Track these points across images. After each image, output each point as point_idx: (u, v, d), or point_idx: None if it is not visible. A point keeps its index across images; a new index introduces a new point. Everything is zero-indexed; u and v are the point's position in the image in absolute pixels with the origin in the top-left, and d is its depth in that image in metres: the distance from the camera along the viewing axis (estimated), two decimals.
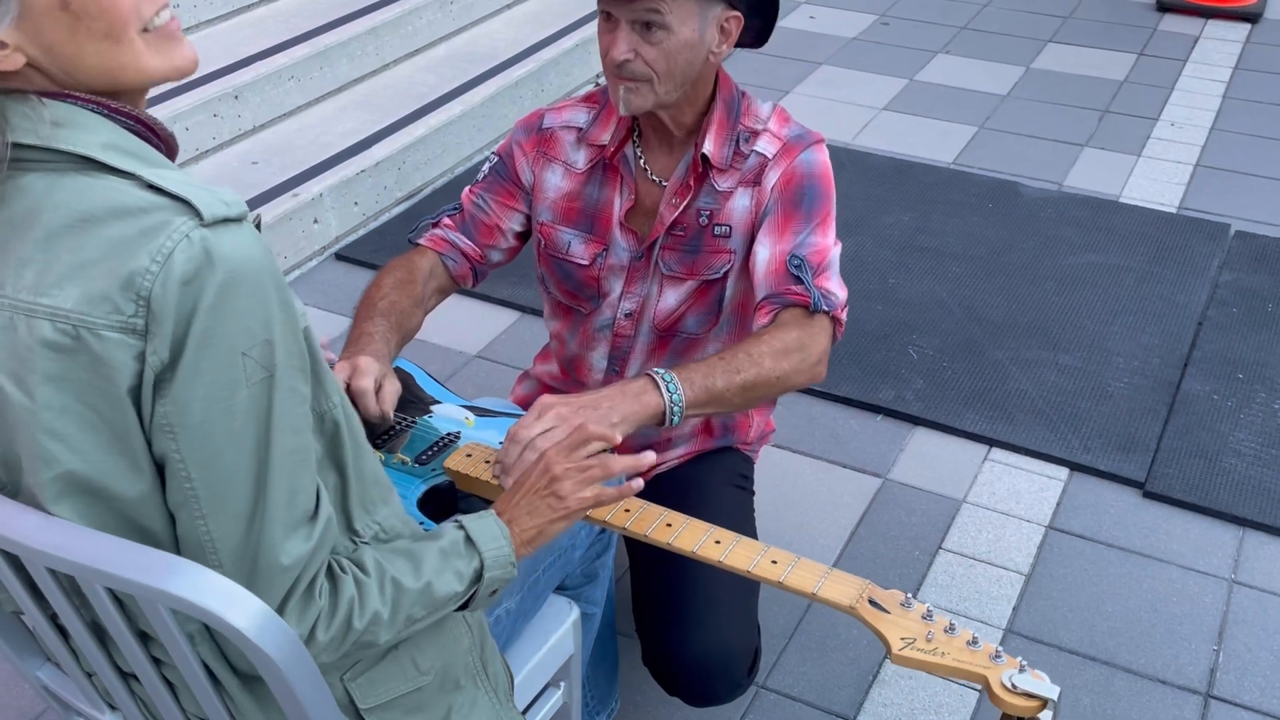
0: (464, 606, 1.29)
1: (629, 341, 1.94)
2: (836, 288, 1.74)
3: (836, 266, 1.77)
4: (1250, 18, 5.42)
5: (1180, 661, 2.30)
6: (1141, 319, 3.30)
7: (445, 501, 1.60)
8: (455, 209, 1.94)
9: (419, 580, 1.22)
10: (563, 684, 1.66)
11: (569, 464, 1.38)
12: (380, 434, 1.68)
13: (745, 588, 1.83)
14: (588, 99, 1.91)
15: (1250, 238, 3.71)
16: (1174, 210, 3.90)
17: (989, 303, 3.37)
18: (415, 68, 4.24)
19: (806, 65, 4.85)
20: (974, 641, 1.31)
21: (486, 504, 1.59)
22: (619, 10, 1.65)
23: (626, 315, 1.91)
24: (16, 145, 1.04)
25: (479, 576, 1.27)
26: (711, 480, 2.02)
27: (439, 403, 1.73)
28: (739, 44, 1.79)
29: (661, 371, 1.56)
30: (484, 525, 1.30)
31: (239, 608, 1.06)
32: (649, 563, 1.86)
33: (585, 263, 1.89)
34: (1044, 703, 1.26)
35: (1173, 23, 5.42)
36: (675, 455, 2.06)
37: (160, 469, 1.08)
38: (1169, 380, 3.06)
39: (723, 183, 1.81)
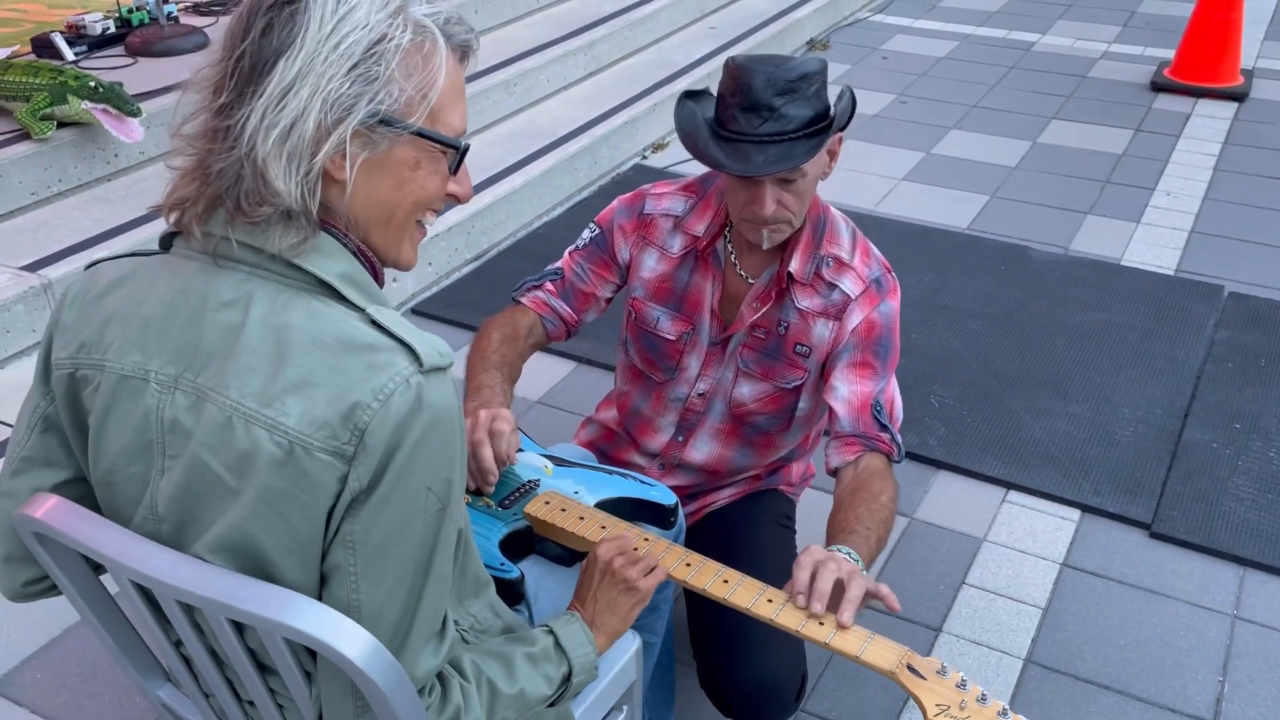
0: (551, 704, 1.29)
1: (698, 417, 1.95)
2: (900, 436, 1.81)
3: (901, 415, 1.84)
4: (1237, 97, 5.40)
5: (1188, 692, 2.26)
6: (1144, 372, 3.27)
7: (524, 543, 1.60)
8: (557, 274, 1.96)
9: (513, 686, 1.23)
10: (625, 708, 1.65)
11: (624, 557, 1.42)
12: None
13: None
14: (687, 188, 1.92)
15: (1243, 298, 3.67)
16: (1172, 273, 3.87)
17: (1004, 357, 3.35)
18: (483, 142, 4.29)
19: None
20: (1004, 713, 1.29)
21: (561, 548, 1.61)
22: (767, 176, 1.66)
23: (700, 394, 1.93)
24: (251, 248, 1.06)
25: (566, 680, 1.28)
26: (758, 519, 2.01)
27: (521, 450, 1.73)
28: None
29: (843, 549, 1.57)
30: (572, 631, 1.32)
31: (349, 638, 1.06)
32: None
33: (672, 338, 1.91)
34: None
35: (1166, 101, 5.41)
36: (725, 495, 2.06)
37: (323, 577, 1.09)
38: (1171, 429, 3.02)
39: (801, 300, 1.82)
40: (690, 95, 1.80)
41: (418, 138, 1.06)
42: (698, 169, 1.93)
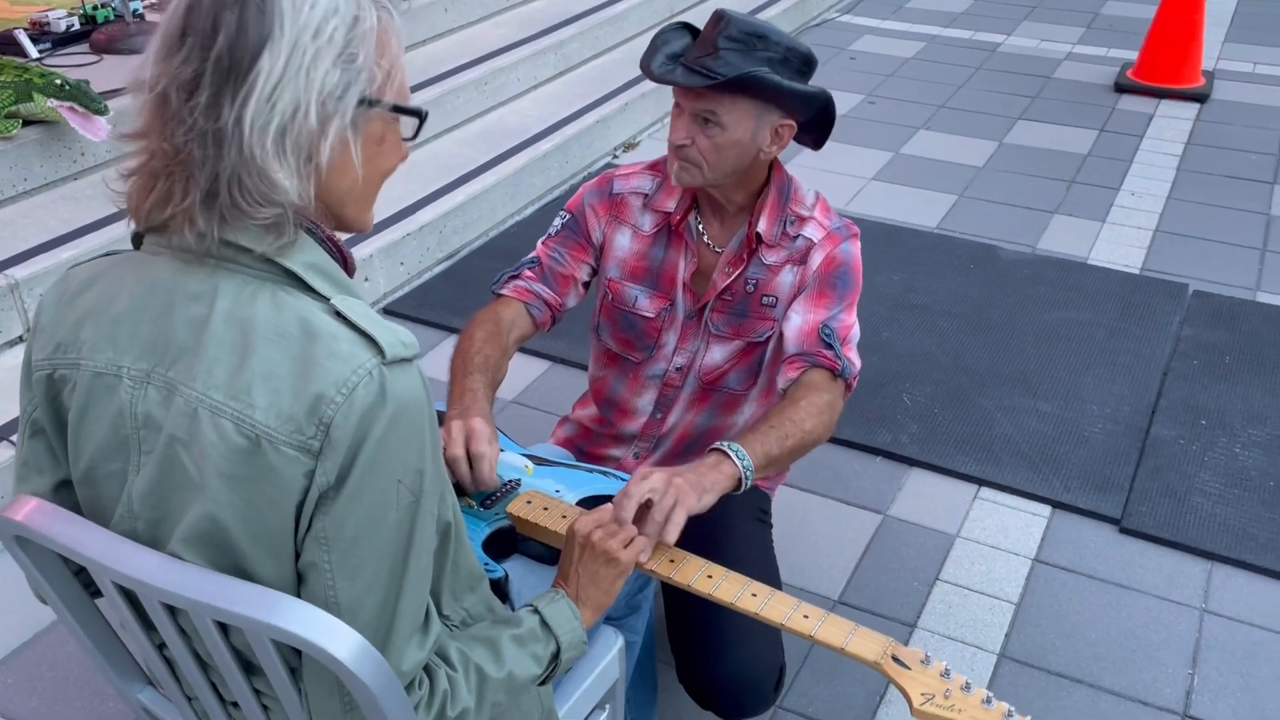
0: (541, 683, 1.29)
1: (676, 391, 1.97)
2: (856, 359, 1.82)
3: (856, 342, 1.84)
4: (1199, 98, 5.47)
5: (1159, 684, 2.29)
6: (1112, 370, 3.31)
7: (507, 542, 1.60)
8: (534, 262, 1.96)
9: (501, 670, 1.22)
10: (608, 706, 1.66)
11: (603, 530, 1.42)
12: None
13: None
14: (652, 167, 1.95)
15: (1207, 296, 3.73)
16: (1137, 271, 3.92)
17: (974, 355, 3.38)
18: (454, 142, 4.27)
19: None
20: (988, 700, 1.31)
21: (544, 547, 1.60)
22: (684, 102, 1.73)
23: (678, 369, 1.94)
24: (233, 246, 1.04)
25: (555, 657, 1.28)
26: (736, 513, 2.01)
27: (501, 450, 1.73)
28: (800, 143, 1.83)
29: (728, 443, 1.59)
30: (558, 609, 1.31)
31: (338, 638, 1.05)
32: (684, 591, 1.86)
33: (651, 315, 1.93)
34: None
35: (1130, 102, 5.47)
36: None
37: (299, 574, 1.08)
38: (1139, 426, 3.06)
39: (769, 257, 1.86)
40: (682, 25, 1.84)
41: (385, 111, 1.07)
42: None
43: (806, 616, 1.42)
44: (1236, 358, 3.38)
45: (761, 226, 1.83)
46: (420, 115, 1.12)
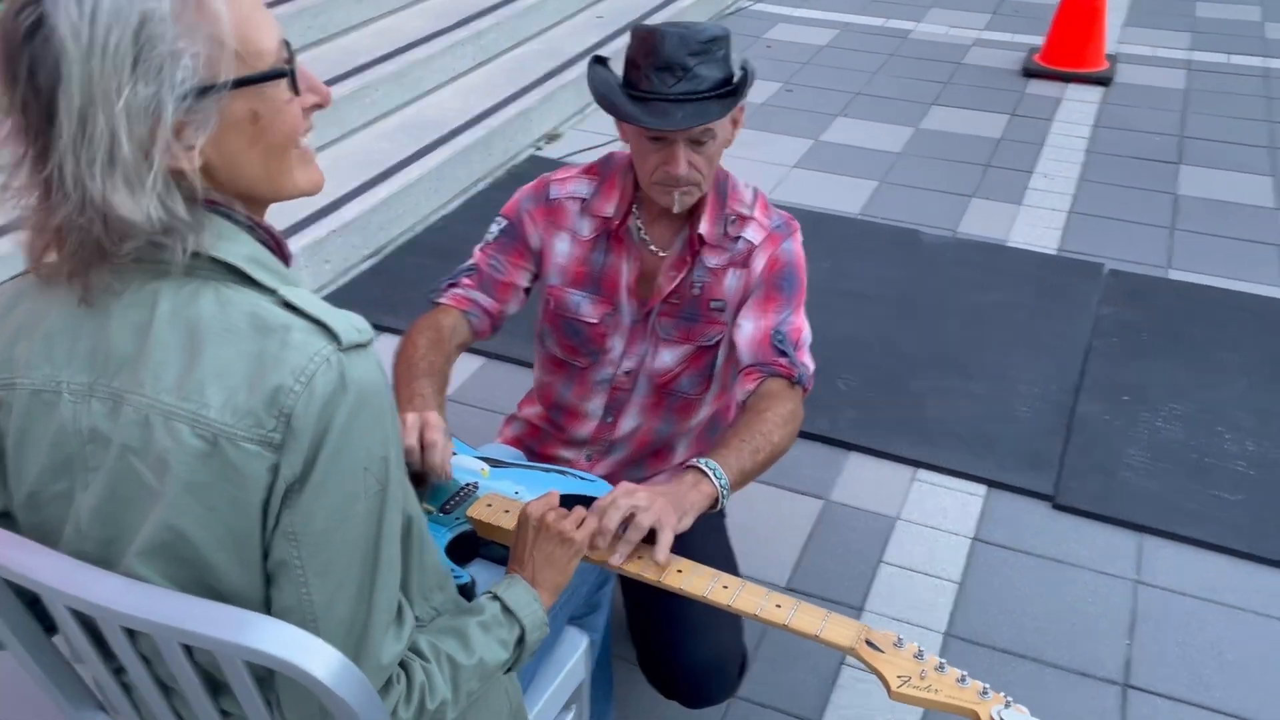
0: (509, 669, 1.27)
1: (625, 395, 1.94)
2: (809, 361, 1.82)
3: (809, 343, 1.84)
4: (1103, 81, 5.62)
5: (1100, 656, 2.34)
6: (1036, 350, 3.38)
7: (469, 547, 1.57)
8: (472, 270, 1.92)
9: (471, 657, 1.20)
10: (574, 707, 1.64)
11: (555, 512, 1.41)
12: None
13: None
14: (588, 170, 1.91)
15: (1122, 275, 3.83)
16: (1054, 252, 4.01)
17: (904, 339, 3.42)
18: (374, 136, 4.19)
19: None
20: (963, 679, 1.32)
21: (506, 549, 1.58)
22: (678, 133, 1.67)
23: (626, 372, 1.92)
24: (164, 248, 0.99)
25: (520, 640, 1.26)
26: None
27: (455, 453, 1.70)
28: None
29: (705, 461, 1.57)
30: (517, 593, 1.30)
31: (316, 658, 1.02)
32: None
33: (594, 321, 1.89)
34: None
35: (1037, 87, 5.59)
36: (658, 482, 2.05)
37: (268, 576, 1.04)
38: (1065, 404, 3.13)
39: (711, 260, 1.84)
40: (599, 60, 1.81)
41: (239, 88, 0.97)
42: (594, 158, 1.94)
43: (779, 606, 1.42)
44: (1153, 334, 3.47)
45: (703, 228, 1.81)
46: (275, 76, 1.00)
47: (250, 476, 0.97)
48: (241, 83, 0.97)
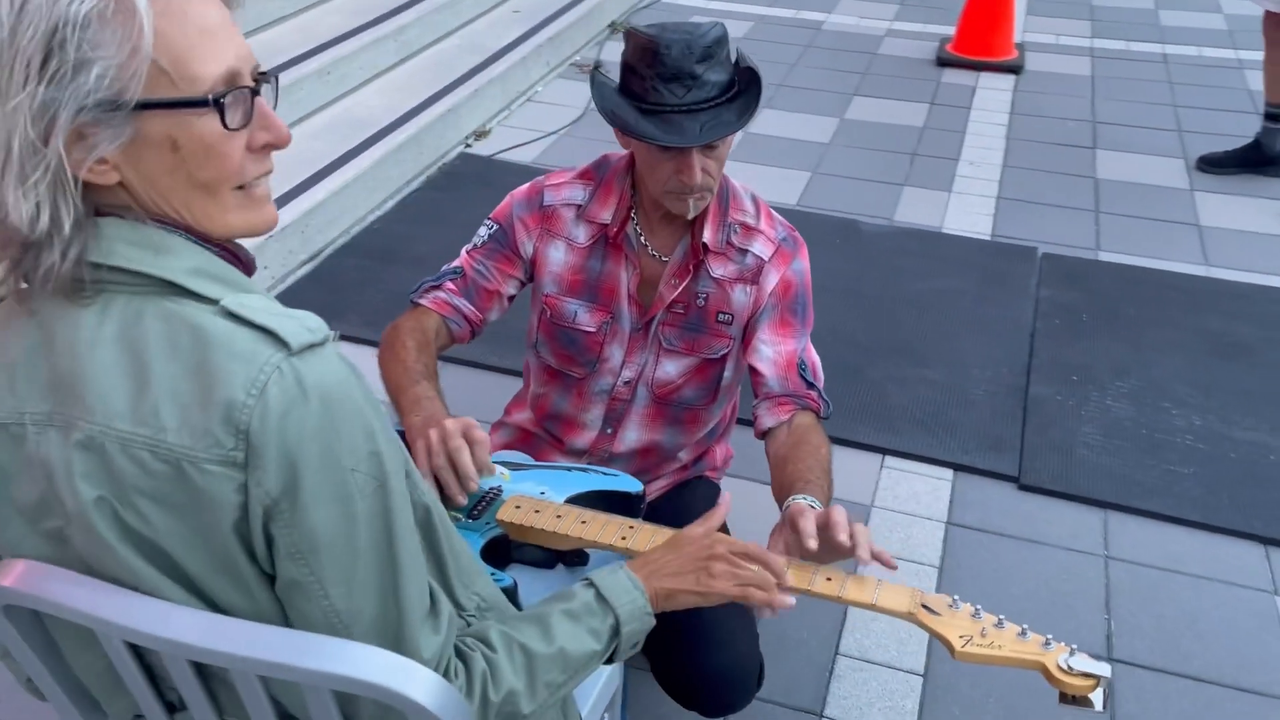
0: (608, 660, 1.23)
1: (625, 405, 1.92)
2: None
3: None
4: (1014, 69, 5.76)
5: (1081, 632, 2.40)
6: (984, 334, 3.45)
7: (502, 552, 1.54)
8: (457, 273, 1.87)
9: (551, 646, 1.16)
10: (607, 715, 1.61)
11: (730, 554, 1.34)
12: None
13: (745, 607, 1.81)
14: (583, 175, 1.88)
15: (1056, 258, 3.93)
16: (988, 238, 4.10)
17: (856, 328, 3.46)
18: (303, 135, 4.07)
19: None
20: (1023, 633, 1.34)
21: (540, 550, 1.54)
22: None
23: (625, 383, 1.89)
24: (102, 267, 0.95)
25: (616, 631, 1.22)
26: (695, 507, 1.98)
27: None
28: None
29: (806, 497, 1.57)
30: (615, 580, 1.25)
31: (414, 680, 0.98)
32: None
33: (592, 330, 1.86)
34: (1097, 680, 1.29)
35: (952, 75, 5.71)
36: (657, 489, 2.03)
37: (279, 600, 1.00)
38: (1018, 386, 3.21)
39: (717, 269, 1.83)
40: (596, 69, 1.79)
41: (154, 110, 0.91)
42: (528, 155, 1.92)
43: (829, 580, 1.41)
44: (1092, 315, 3.58)
45: (707, 236, 1.80)
46: (196, 104, 0.92)
47: (218, 499, 0.93)
48: (152, 105, 0.91)
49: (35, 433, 0.98)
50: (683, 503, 2.00)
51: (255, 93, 0.98)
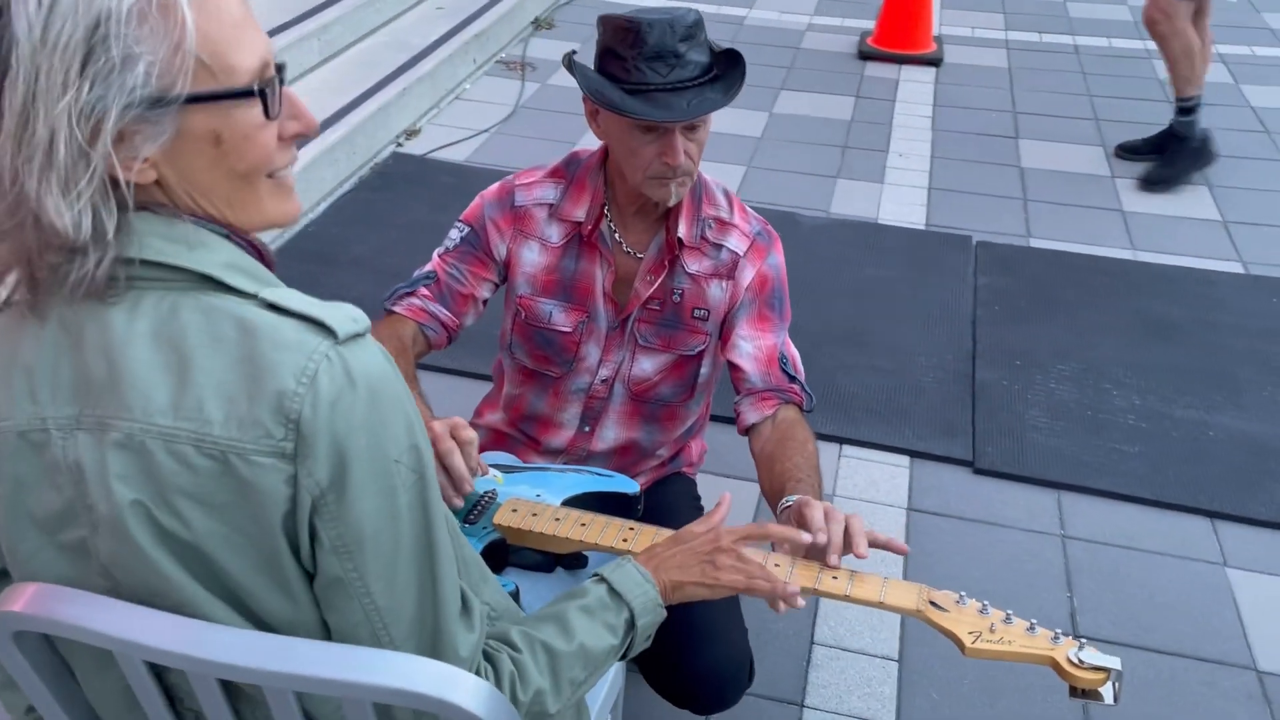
0: (623, 656, 1.22)
1: (602, 403, 1.90)
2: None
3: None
4: (934, 62, 5.86)
5: (1045, 611, 2.45)
6: (928, 322, 3.51)
7: (499, 556, 1.51)
8: (430, 278, 1.83)
9: (572, 643, 1.15)
10: (610, 715, 1.60)
11: (735, 547, 1.33)
12: None
13: (734, 602, 1.81)
14: (553, 173, 1.85)
15: (990, 246, 4.01)
16: (923, 227, 4.16)
17: (803, 319, 3.43)
18: None
19: (583, 119, 4.84)
20: (1031, 628, 1.35)
21: (539, 553, 1.52)
22: (678, 125, 1.64)
23: (603, 381, 1.88)
24: (135, 262, 0.92)
25: (631, 625, 1.21)
26: (674, 504, 2.00)
27: None
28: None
29: (798, 499, 1.53)
30: (625, 574, 1.24)
31: (462, 689, 0.96)
32: None
33: (568, 330, 1.84)
34: (1108, 673, 1.31)
35: (874, 69, 5.78)
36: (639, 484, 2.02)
37: (315, 599, 0.98)
38: (964, 372, 3.26)
39: (692, 265, 1.82)
40: (571, 55, 1.79)
41: (200, 104, 0.90)
42: (461, 154, 1.90)
43: (835, 578, 1.41)
44: (1029, 300, 3.65)
45: (681, 230, 1.79)
46: (243, 94, 0.91)
47: (266, 493, 0.91)
48: (201, 98, 0.90)
49: (61, 438, 0.94)
50: (661, 499, 1.99)
51: (281, 82, 0.96)
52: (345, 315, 0.94)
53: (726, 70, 1.70)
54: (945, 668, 2.28)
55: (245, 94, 0.91)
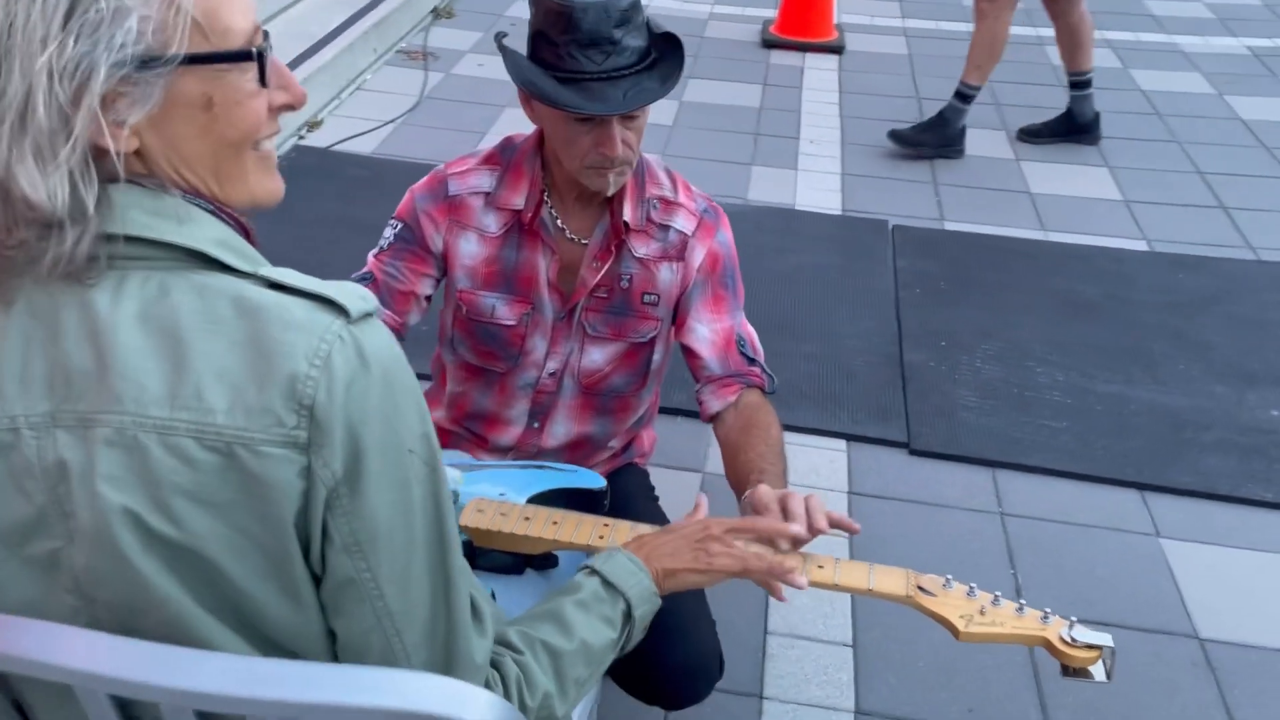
0: (621, 650, 1.16)
1: (551, 398, 1.83)
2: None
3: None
4: (836, 50, 5.90)
5: (993, 588, 2.38)
6: (854, 306, 3.51)
7: (466, 558, 1.42)
8: (367, 278, 1.74)
9: (572, 641, 1.09)
10: (591, 713, 1.53)
11: (727, 535, 1.30)
12: None
13: (702, 596, 1.76)
14: (487, 160, 1.77)
15: (906, 229, 4.03)
16: (840, 213, 4.17)
17: None
18: None
19: (492, 109, 4.73)
20: (1020, 609, 1.33)
21: (506, 554, 1.45)
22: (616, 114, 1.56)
23: (551, 374, 1.80)
24: (118, 238, 0.83)
25: (628, 616, 1.15)
26: (631, 495, 1.93)
27: None
28: None
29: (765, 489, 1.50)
30: (617, 564, 1.19)
31: (475, 707, 0.88)
32: None
33: (512, 323, 1.76)
34: (1100, 651, 1.29)
35: (779, 57, 5.80)
36: None
37: (321, 604, 0.90)
38: (893, 355, 3.27)
39: (640, 249, 1.75)
40: (501, 36, 1.71)
41: (193, 66, 0.84)
42: (366, 146, 1.82)
43: (821, 567, 1.37)
44: (949, 282, 3.68)
45: (627, 214, 1.72)
46: (240, 57, 0.86)
47: (277, 487, 0.83)
48: (197, 59, 0.83)
49: (34, 437, 0.84)
50: (616, 492, 1.91)
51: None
52: (355, 293, 0.87)
53: (665, 54, 1.63)
54: (900, 650, 2.26)
55: (243, 56, 0.84)
